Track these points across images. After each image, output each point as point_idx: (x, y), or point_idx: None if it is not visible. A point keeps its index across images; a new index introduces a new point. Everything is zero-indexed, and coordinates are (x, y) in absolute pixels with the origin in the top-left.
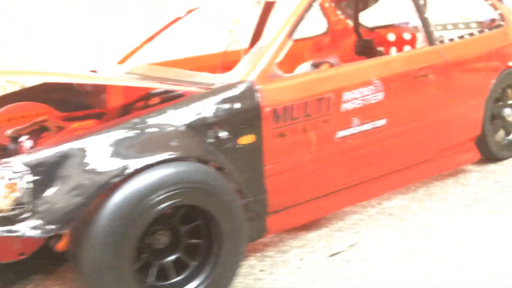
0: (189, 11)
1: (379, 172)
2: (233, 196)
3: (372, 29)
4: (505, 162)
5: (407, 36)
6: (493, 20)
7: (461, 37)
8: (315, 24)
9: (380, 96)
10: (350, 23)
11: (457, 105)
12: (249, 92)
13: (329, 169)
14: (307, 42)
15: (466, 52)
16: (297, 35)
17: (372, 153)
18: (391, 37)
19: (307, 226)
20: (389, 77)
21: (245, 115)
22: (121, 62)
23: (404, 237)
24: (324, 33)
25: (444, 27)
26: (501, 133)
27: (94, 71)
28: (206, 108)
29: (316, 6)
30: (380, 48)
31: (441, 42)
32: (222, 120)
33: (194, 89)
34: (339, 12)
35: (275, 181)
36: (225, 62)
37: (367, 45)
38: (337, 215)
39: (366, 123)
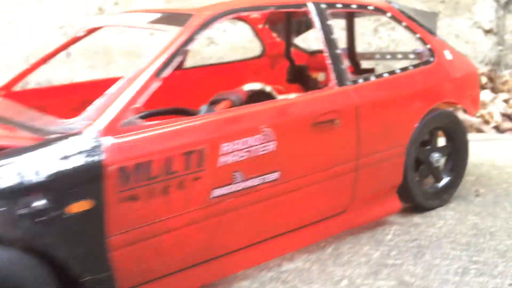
0: (89, 31)
1: (274, 231)
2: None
3: (313, 53)
4: (432, 212)
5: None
6: (421, 56)
7: (379, 75)
8: None
9: (271, 146)
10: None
11: (370, 152)
12: (88, 147)
13: (204, 233)
14: (241, 66)
15: (382, 93)
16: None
17: (263, 211)
18: (321, 77)
19: None
20: (282, 123)
21: (79, 176)
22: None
23: None
24: (259, 57)
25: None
26: (431, 180)
27: None
28: (24, 168)
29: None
30: (319, 75)
31: (354, 82)
32: (45, 183)
33: (16, 142)
34: (275, 35)
35: (126, 254)
36: None
37: (300, 72)
38: (227, 281)
39: (253, 177)
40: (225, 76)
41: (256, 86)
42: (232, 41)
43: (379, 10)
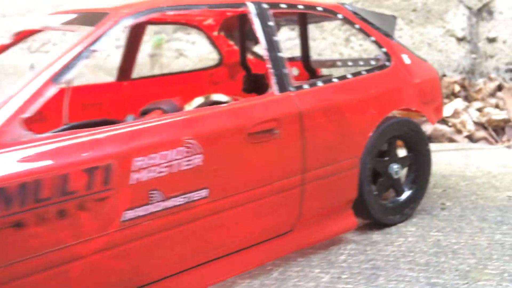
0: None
1: (211, 255)
2: None
3: None
4: (393, 228)
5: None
6: (377, 60)
7: (327, 81)
8: None
9: (197, 160)
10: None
11: (318, 165)
12: None
13: (125, 260)
14: (198, 75)
15: (330, 100)
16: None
17: (194, 233)
18: (295, 71)
19: None
20: (211, 134)
21: None
22: None
23: None
24: (217, 66)
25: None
26: (392, 193)
27: None
28: None
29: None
30: None
31: (298, 88)
32: None
33: None
34: (232, 43)
35: None
36: None
37: (257, 81)
38: None
39: (176, 196)
40: (181, 86)
41: (222, 98)
42: (201, 53)
43: (329, 12)
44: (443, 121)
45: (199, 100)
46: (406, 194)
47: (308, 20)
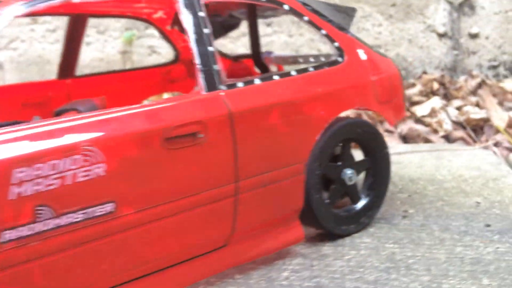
0: None
1: (131, 274)
2: None
3: (237, 59)
4: (347, 240)
5: (274, 68)
6: (328, 56)
7: (267, 78)
8: None
9: (98, 170)
10: None
11: (255, 172)
12: None
13: (11, 286)
14: (153, 72)
15: (269, 99)
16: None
17: (96, 253)
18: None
19: None
20: (116, 140)
21: None
22: None
23: None
24: (173, 62)
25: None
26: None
27: None
28: None
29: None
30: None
31: (231, 86)
32: None
33: None
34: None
35: None
36: None
37: None
38: None
39: (71, 212)
40: (132, 84)
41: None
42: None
43: (274, 2)
44: (419, 120)
45: (153, 99)
46: (362, 201)
47: (259, 13)
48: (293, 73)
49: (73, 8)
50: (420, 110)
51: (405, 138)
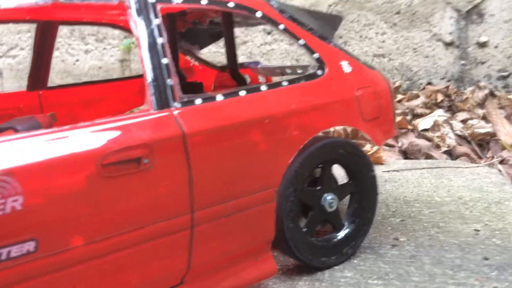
0: None
1: None
2: None
3: (223, 69)
4: (326, 273)
5: (262, 79)
6: (305, 68)
7: (232, 94)
8: None
9: (14, 203)
10: (190, 59)
11: (210, 202)
12: None
13: None
14: (129, 84)
15: (233, 118)
16: None
17: None
18: (247, 79)
19: None
20: (36, 168)
21: None
22: None
23: None
24: None
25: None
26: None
27: None
28: None
29: None
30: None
31: (186, 103)
32: None
33: None
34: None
35: None
36: None
37: (194, 91)
38: None
39: None
40: (110, 95)
41: None
42: None
43: (244, 8)
44: (421, 134)
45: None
46: (345, 230)
47: (235, 21)
48: (264, 88)
49: (40, 15)
50: (422, 123)
51: (406, 153)
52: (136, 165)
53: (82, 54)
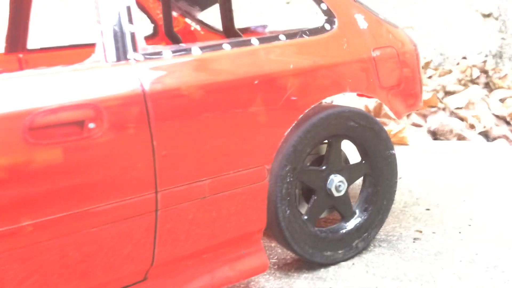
0: None
1: None
2: None
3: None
4: (330, 270)
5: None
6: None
7: (213, 47)
8: None
9: None
10: (190, 22)
11: (179, 180)
12: None
13: None
14: None
15: (210, 77)
16: None
17: None
18: None
19: None
20: None
21: None
22: None
23: None
24: (152, 36)
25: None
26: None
27: None
28: None
29: None
30: None
31: (152, 55)
32: None
33: None
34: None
35: None
36: None
37: None
38: None
39: None
40: None
41: None
42: None
43: None
44: (454, 113)
45: None
46: (356, 219)
47: None
48: (255, 42)
49: None
50: (455, 101)
51: (435, 134)
52: (77, 130)
53: (82, 31)
